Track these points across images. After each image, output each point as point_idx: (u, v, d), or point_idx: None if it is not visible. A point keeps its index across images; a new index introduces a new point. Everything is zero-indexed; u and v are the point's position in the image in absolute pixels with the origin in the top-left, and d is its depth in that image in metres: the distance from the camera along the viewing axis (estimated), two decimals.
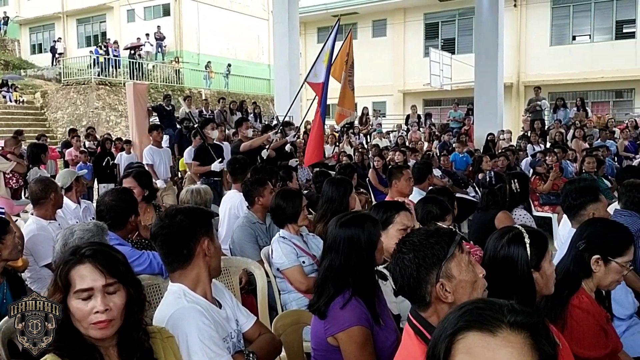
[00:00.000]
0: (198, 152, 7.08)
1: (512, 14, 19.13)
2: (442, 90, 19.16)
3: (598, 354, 2.09)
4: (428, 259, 1.59)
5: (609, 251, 2.21)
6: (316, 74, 7.06)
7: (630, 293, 2.80)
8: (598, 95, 18.75)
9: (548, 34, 19.20)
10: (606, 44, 18.29)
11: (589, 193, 3.23)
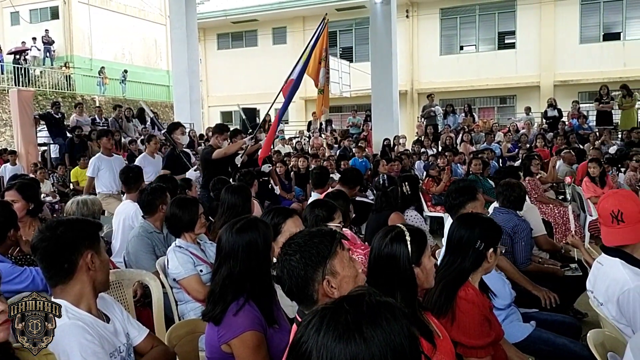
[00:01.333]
0: (169, 160, 6.57)
1: (405, 25, 20.06)
2: (342, 97, 19.65)
3: (483, 342, 2.24)
4: (314, 258, 1.66)
5: (495, 242, 2.42)
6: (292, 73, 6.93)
7: (508, 284, 3.04)
8: (484, 101, 20.13)
9: (438, 44, 20.34)
10: (490, 54, 19.69)
11: (468, 193, 3.48)
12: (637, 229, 2.39)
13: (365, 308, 1.03)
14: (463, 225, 2.44)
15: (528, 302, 3.29)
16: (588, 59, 17.74)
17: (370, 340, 0.99)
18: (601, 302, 2.50)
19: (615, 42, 17.87)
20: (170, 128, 6.93)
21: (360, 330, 0.99)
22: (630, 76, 14.46)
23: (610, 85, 13.49)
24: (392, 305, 1.06)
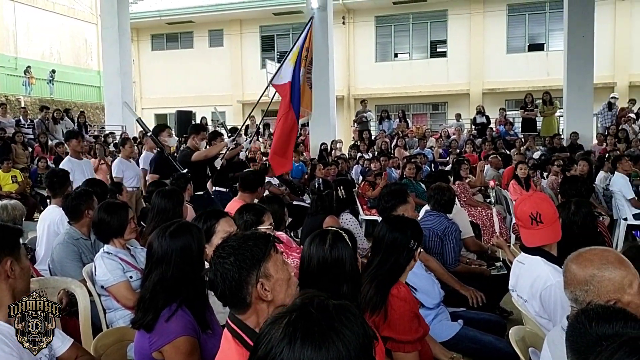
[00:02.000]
0: (158, 164, 6.06)
1: (342, 31, 20.34)
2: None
3: (412, 337, 2.33)
4: (248, 261, 1.66)
5: (421, 241, 2.56)
6: (281, 76, 6.37)
7: (437, 284, 3.15)
8: (417, 107, 20.71)
9: (373, 51, 20.75)
10: (423, 62, 20.28)
11: (399, 196, 3.59)
12: (554, 228, 2.55)
13: (333, 312, 1.04)
14: (396, 227, 2.53)
15: (456, 302, 3.41)
16: (514, 68, 18.63)
17: (347, 343, 1.00)
18: (525, 299, 2.63)
19: (540, 53, 18.87)
20: (157, 130, 6.42)
21: (338, 334, 1.00)
22: (553, 85, 15.27)
23: (534, 93, 14.22)
24: (350, 307, 1.09)
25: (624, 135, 11.83)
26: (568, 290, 1.77)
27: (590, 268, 1.72)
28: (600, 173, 8.36)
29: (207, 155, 5.98)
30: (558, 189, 8.11)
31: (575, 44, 11.55)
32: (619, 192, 7.25)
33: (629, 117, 12.99)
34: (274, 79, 6.42)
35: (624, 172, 7.38)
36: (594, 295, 1.69)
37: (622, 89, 17.14)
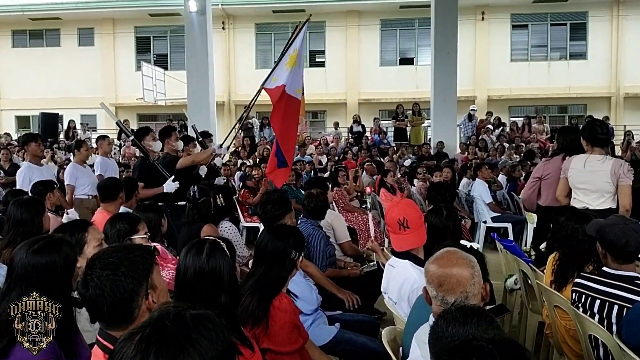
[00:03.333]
0: (142, 171, 5.48)
1: (222, 36, 20.12)
2: (157, 106, 18.95)
3: (291, 348, 2.35)
4: (140, 272, 1.63)
5: (302, 249, 2.61)
6: (275, 79, 5.91)
7: (315, 290, 3.23)
8: None
9: (254, 57, 20.77)
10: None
11: (286, 204, 3.65)
12: (420, 233, 2.73)
13: (190, 322, 1.04)
14: (278, 236, 2.54)
15: (333, 305, 3.52)
16: (387, 80, 19.64)
17: (204, 353, 1.00)
18: (395, 301, 2.79)
19: (410, 67, 20.08)
20: (139, 134, 5.76)
21: (194, 344, 0.99)
22: (422, 97, 16.33)
23: (405, 104, 15.12)
24: (210, 316, 1.08)
25: (484, 145, 12.97)
26: (430, 289, 1.91)
27: (443, 268, 1.87)
28: (463, 179, 9.10)
29: (195, 162, 5.67)
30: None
31: (440, 60, 12.47)
32: (479, 197, 7.93)
33: (488, 128, 14.27)
34: (265, 82, 6.03)
35: (484, 178, 8.09)
36: (448, 291, 1.84)
37: (481, 102, 18.79)
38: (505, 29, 19.68)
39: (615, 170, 3.89)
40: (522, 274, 3.90)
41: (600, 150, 4.09)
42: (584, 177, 4.03)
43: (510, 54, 19.80)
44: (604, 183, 3.92)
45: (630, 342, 2.17)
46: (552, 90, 19.16)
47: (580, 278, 2.70)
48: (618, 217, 2.67)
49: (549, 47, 19.85)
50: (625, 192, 3.88)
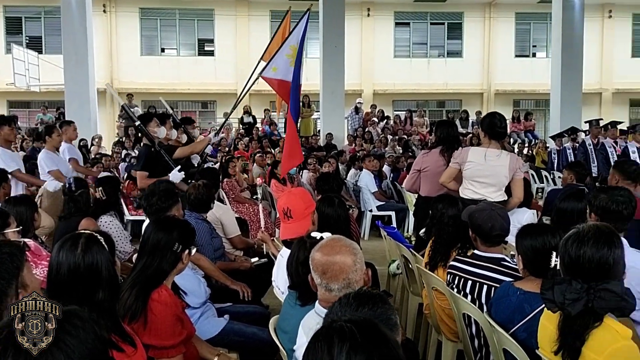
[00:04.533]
0: (148, 160, 5.06)
1: (103, 20, 18.98)
2: (30, 92, 17.49)
3: (174, 341, 2.30)
4: (9, 271, 1.55)
5: (189, 243, 2.53)
6: (275, 68, 5.71)
7: (203, 283, 3.18)
8: (186, 105, 20.46)
9: (139, 43, 19.84)
10: (191, 59, 20.11)
11: (173, 195, 3.54)
12: (303, 224, 2.80)
13: (55, 320, 1.01)
14: (161, 228, 2.47)
15: (223, 297, 3.50)
16: None
17: (71, 352, 0.99)
18: (282, 291, 2.83)
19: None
20: (143, 120, 5.32)
21: (58, 343, 0.99)
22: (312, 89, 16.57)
23: None
24: (79, 313, 1.04)
25: (369, 137, 13.47)
26: (315, 276, 1.97)
27: (327, 256, 1.94)
28: (351, 170, 9.41)
29: (193, 152, 5.52)
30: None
31: (329, 53, 12.74)
32: (365, 186, 8.25)
33: (373, 121, 14.83)
34: (263, 71, 5.85)
35: (370, 169, 8.41)
36: (331, 278, 1.91)
37: (367, 96, 19.47)
38: (389, 26, 20.52)
39: (513, 166, 4.15)
40: (404, 259, 4.13)
41: (496, 143, 4.23)
42: (485, 171, 4.15)
43: (394, 51, 20.69)
44: (503, 177, 4.13)
45: (498, 319, 2.39)
46: (431, 86, 20.34)
47: (454, 261, 2.92)
48: (487, 204, 2.92)
49: (428, 45, 21.03)
50: (520, 185, 4.19)
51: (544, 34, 20.26)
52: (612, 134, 9.51)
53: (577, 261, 1.84)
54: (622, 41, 20.90)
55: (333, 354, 1.12)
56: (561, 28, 12.85)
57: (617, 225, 2.69)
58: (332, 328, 1.18)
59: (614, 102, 21.06)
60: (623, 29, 20.89)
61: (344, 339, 1.14)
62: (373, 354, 1.12)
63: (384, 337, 1.17)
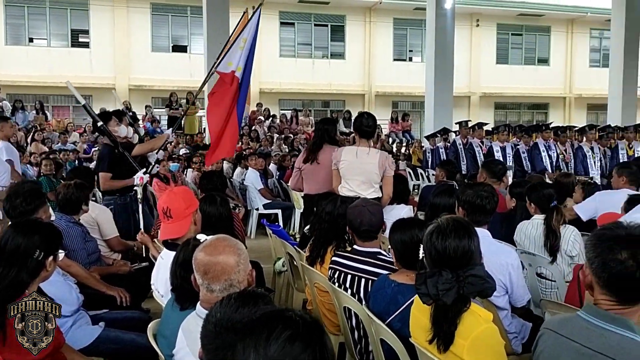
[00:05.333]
0: (111, 161, 4.95)
1: None
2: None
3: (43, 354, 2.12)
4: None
5: (55, 248, 2.34)
6: (230, 63, 5.76)
7: (75, 289, 2.98)
8: (59, 99, 19.02)
9: (3, 32, 18.11)
10: (63, 50, 18.74)
11: (39, 196, 3.29)
12: (183, 223, 2.72)
13: None
14: (20, 232, 2.25)
15: (99, 304, 3.31)
16: (160, 67, 18.96)
17: None
18: (162, 294, 2.74)
19: (183, 54, 19.69)
20: (104, 118, 5.12)
21: None
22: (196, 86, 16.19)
23: (179, 93, 14.80)
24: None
25: (256, 135, 13.43)
26: (197, 276, 1.93)
27: (209, 256, 1.91)
28: (237, 169, 9.32)
29: (153, 149, 5.50)
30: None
31: (214, 50, 12.38)
32: (251, 185, 8.22)
33: (260, 120, 14.82)
34: (218, 66, 5.85)
35: (254, 168, 8.40)
36: (213, 279, 1.88)
37: (254, 94, 19.31)
38: (274, 25, 20.60)
39: (382, 163, 4.32)
40: (289, 256, 4.18)
41: (365, 141, 4.42)
42: (357, 168, 4.30)
43: (279, 50, 20.82)
44: (374, 174, 4.32)
45: (375, 310, 2.50)
46: (316, 86, 20.75)
47: (335, 256, 3.01)
48: (361, 200, 3.04)
49: (313, 46, 21.43)
50: (389, 182, 4.37)
51: (419, 39, 21.47)
52: (478, 135, 10.29)
53: (444, 253, 1.98)
54: (488, 49, 22.76)
55: (270, 338, 1.14)
56: (434, 34, 13.71)
57: (481, 218, 2.94)
58: (281, 315, 1.20)
59: (481, 105, 22.89)
60: (489, 37, 22.77)
61: (287, 327, 1.16)
62: (308, 348, 1.15)
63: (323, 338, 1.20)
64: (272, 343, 1.14)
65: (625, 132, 10.26)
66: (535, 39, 23.55)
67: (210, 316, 1.57)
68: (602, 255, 1.58)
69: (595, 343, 1.59)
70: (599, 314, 1.62)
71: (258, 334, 1.16)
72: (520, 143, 9.89)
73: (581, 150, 9.61)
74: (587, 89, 23.21)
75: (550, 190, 3.68)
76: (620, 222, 1.68)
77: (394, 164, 4.48)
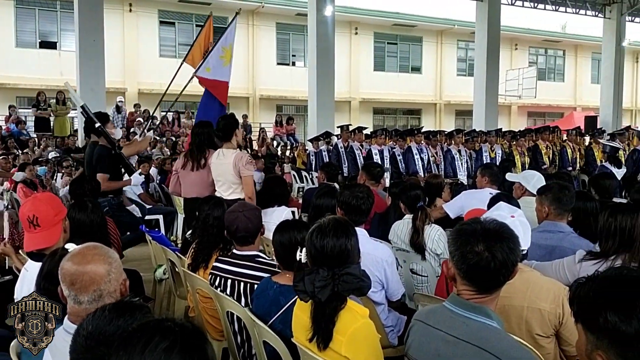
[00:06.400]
0: (109, 162, 5.04)
1: None
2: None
3: None
4: None
5: None
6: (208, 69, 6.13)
7: None
8: None
9: None
10: None
11: None
12: (53, 232, 2.55)
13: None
14: None
15: None
16: (25, 64, 17.46)
17: None
18: None
19: (52, 51, 18.30)
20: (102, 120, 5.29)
21: None
22: None
23: (48, 92, 13.74)
24: None
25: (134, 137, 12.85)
26: (63, 287, 1.80)
27: (77, 265, 1.79)
28: None
29: (139, 151, 5.61)
30: None
31: (86, 47, 11.68)
32: (130, 190, 7.84)
33: (139, 121, 14.20)
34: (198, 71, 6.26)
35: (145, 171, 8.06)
36: (81, 290, 1.77)
37: (132, 95, 18.58)
38: (153, 24, 19.86)
39: (236, 163, 4.37)
40: (170, 263, 4.05)
41: (229, 143, 4.49)
42: (218, 169, 4.40)
43: (159, 50, 20.10)
44: (229, 175, 4.38)
45: (258, 312, 2.51)
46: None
47: (216, 261, 2.98)
48: (238, 205, 3.01)
49: None
50: (247, 182, 4.41)
51: (302, 44, 21.83)
52: (359, 138, 10.72)
53: (322, 251, 2.04)
54: (366, 56, 23.73)
55: (146, 350, 1.11)
56: (316, 40, 14.02)
57: (358, 217, 3.07)
58: (158, 325, 1.17)
59: (361, 109, 23.80)
60: (367, 45, 23.74)
61: (164, 338, 1.13)
62: (187, 358, 1.13)
63: (203, 346, 1.18)
64: (148, 355, 1.11)
65: (488, 136, 11.24)
66: (409, 49, 24.96)
67: (81, 329, 1.49)
68: (461, 248, 1.73)
69: (458, 331, 1.72)
70: (461, 303, 1.76)
71: (133, 346, 1.13)
72: (396, 146, 10.45)
73: (450, 153, 10.37)
74: (455, 96, 25.04)
75: (417, 192, 3.93)
76: (478, 218, 1.85)
77: (250, 163, 4.47)
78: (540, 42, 27.22)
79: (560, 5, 18.50)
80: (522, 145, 11.00)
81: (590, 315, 1.22)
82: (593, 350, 1.23)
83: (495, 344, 1.64)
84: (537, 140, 11.31)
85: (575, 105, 27.72)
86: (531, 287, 2.24)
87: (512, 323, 2.20)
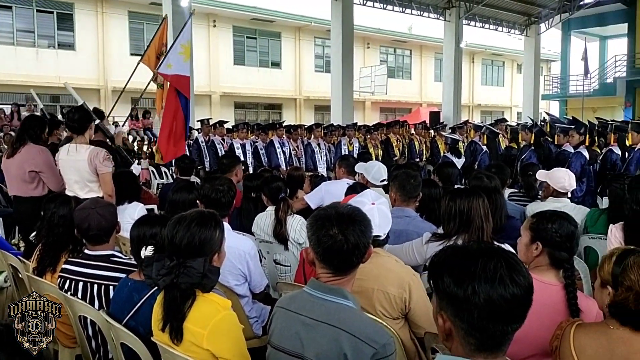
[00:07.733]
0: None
1: None
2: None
3: None
4: None
5: None
6: (170, 65, 6.33)
7: None
8: None
9: None
10: None
11: None
12: None
13: None
14: None
15: None
16: None
17: None
18: None
19: None
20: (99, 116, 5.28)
21: None
22: None
23: None
24: None
25: None
26: None
27: None
28: None
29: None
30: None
31: None
32: None
33: None
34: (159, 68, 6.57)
35: None
36: None
37: None
38: None
39: (92, 160, 4.10)
40: (12, 268, 3.69)
41: (82, 137, 4.21)
42: (71, 167, 4.09)
43: None
44: (85, 172, 4.09)
45: (115, 314, 2.38)
46: (42, 78, 18.58)
47: (65, 263, 2.78)
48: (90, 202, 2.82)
49: (36, 34, 19.17)
50: (105, 180, 4.15)
51: None
52: (220, 132, 10.59)
53: (172, 240, 2.01)
54: (225, 50, 23.45)
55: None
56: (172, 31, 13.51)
57: (218, 211, 3.05)
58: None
59: (222, 104, 23.50)
60: (226, 38, 23.47)
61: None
62: None
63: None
64: None
65: (346, 129, 11.74)
66: (269, 43, 25.14)
67: None
68: (317, 233, 1.81)
69: (317, 313, 1.80)
70: (320, 286, 1.84)
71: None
72: (259, 140, 10.51)
73: (310, 146, 10.67)
74: (314, 91, 25.76)
75: (278, 184, 4.02)
76: (335, 204, 1.95)
77: (107, 159, 4.20)
78: (390, 42, 28.96)
79: (407, 7, 19.80)
80: (375, 139, 11.65)
81: (435, 278, 1.36)
82: (438, 311, 1.38)
83: (351, 323, 1.74)
84: (389, 134, 12.07)
85: (421, 101, 29.98)
86: (383, 272, 2.40)
87: (363, 304, 2.34)
